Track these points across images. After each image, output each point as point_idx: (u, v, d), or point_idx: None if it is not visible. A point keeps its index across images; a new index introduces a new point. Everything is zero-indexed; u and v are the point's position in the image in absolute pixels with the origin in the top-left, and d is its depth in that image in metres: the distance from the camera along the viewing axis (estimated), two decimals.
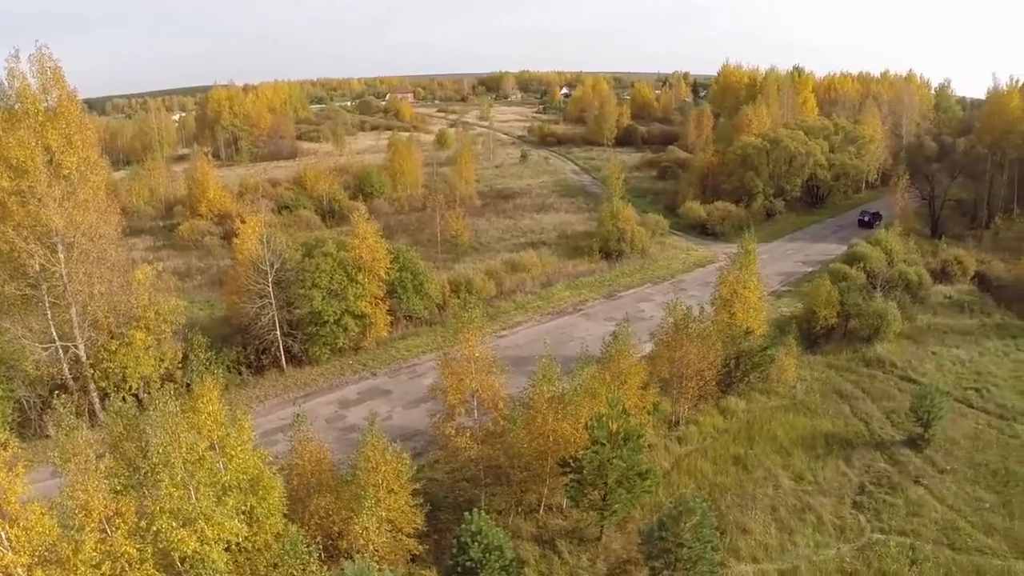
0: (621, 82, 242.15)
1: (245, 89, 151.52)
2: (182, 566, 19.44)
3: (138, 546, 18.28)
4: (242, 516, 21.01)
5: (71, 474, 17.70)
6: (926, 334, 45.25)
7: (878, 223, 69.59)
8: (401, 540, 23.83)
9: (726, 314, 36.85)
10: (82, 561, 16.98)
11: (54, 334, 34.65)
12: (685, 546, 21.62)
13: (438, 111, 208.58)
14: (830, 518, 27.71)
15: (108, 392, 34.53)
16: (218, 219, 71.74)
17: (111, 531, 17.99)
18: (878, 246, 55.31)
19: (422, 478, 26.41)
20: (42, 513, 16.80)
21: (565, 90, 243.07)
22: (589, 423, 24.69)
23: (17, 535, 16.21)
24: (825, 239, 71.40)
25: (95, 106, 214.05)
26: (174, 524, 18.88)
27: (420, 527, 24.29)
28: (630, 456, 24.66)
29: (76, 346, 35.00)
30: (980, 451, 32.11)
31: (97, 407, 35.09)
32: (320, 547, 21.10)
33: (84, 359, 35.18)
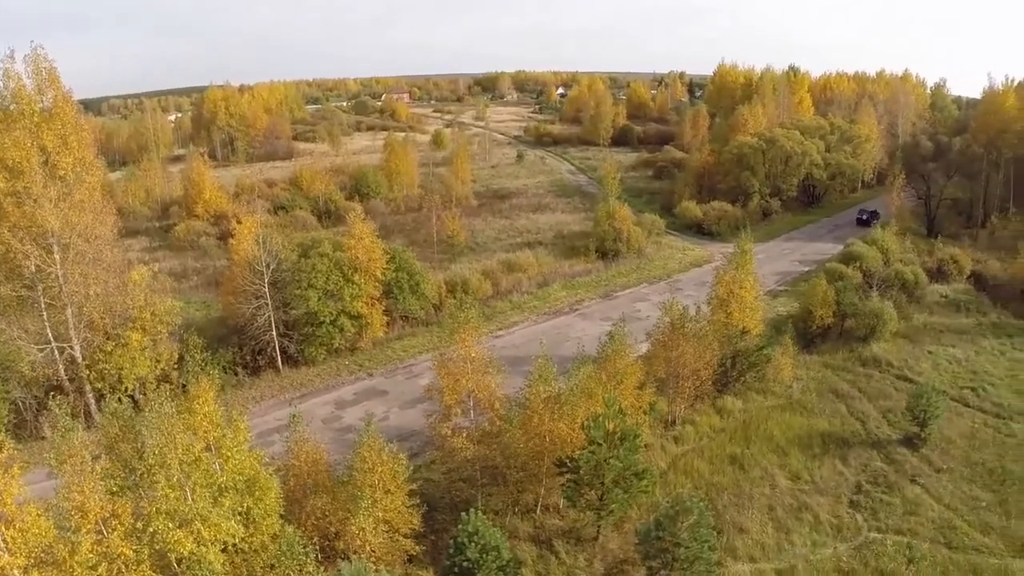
0: (617, 82, 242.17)
1: (241, 89, 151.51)
2: (178, 567, 19.42)
3: (134, 547, 18.26)
4: (238, 517, 20.99)
5: (67, 475, 17.66)
6: (922, 333, 45.34)
7: (876, 221, 69.62)
8: (398, 540, 23.83)
9: (722, 314, 36.91)
10: (78, 563, 16.97)
11: (50, 335, 34.59)
12: (682, 546, 21.63)
13: (434, 111, 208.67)
14: (827, 517, 27.74)
15: (104, 393, 34.32)
16: (214, 220, 71.61)
17: (107, 532, 17.96)
18: (874, 245, 55.32)
19: (418, 479, 26.33)
20: (38, 515, 16.76)
21: (561, 90, 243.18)
22: (585, 423, 24.69)
23: (13, 537, 16.19)
24: (821, 239, 71.45)
25: (91, 107, 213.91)
26: (170, 525, 18.88)
27: (417, 527, 24.27)
28: (627, 456, 24.67)
29: (72, 347, 34.95)
30: (976, 450, 32.17)
31: (93, 408, 35.04)
32: (317, 548, 21.07)
33: (80, 360, 35.10)
